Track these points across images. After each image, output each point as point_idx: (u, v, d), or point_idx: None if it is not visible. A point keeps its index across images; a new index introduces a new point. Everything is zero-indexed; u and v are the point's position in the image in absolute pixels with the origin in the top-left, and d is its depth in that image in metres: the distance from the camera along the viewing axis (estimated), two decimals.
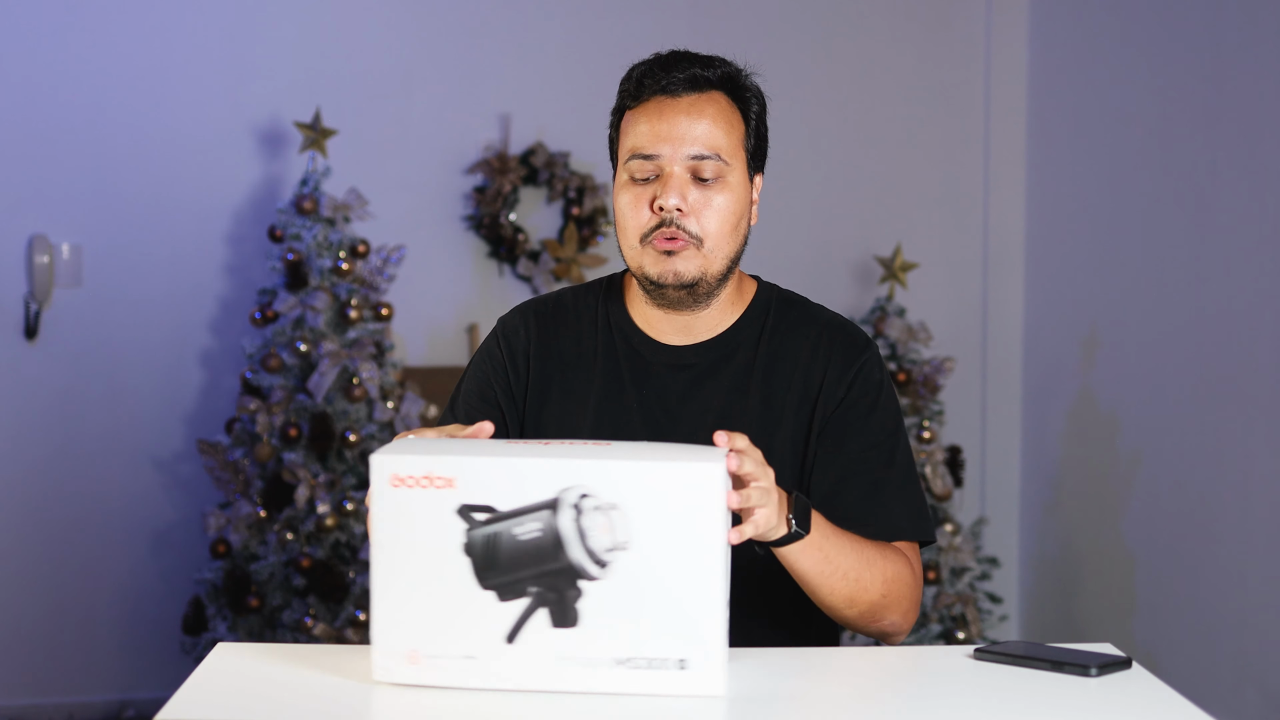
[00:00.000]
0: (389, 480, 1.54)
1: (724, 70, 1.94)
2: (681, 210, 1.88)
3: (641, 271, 1.92)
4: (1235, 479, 3.71)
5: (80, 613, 4.43)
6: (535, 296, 2.09)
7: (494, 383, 2.01)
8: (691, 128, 1.89)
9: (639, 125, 1.91)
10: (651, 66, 1.93)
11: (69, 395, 4.40)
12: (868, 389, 1.96)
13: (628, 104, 1.94)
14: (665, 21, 4.69)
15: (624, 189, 1.92)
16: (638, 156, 1.90)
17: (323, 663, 1.72)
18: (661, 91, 1.90)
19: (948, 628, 4.26)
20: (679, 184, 1.88)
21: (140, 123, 4.42)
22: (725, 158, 1.90)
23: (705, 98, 1.91)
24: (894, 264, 4.47)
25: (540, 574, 1.54)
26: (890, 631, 1.90)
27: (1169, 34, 4.07)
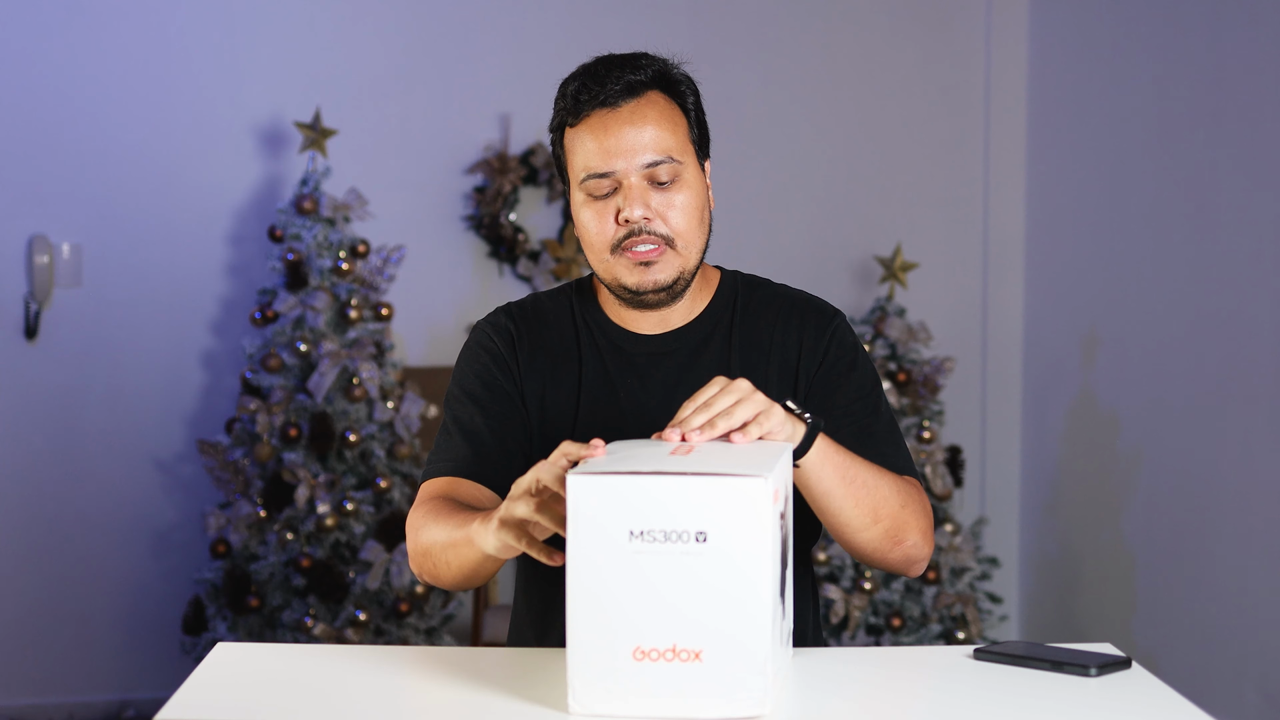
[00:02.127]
0: (771, 497, 1.46)
1: (654, 68, 1.94)
2: (647, 217, 1.89)
3: (617, 282, 1.93)
4: (1235, 479, 3.71)
5: (80, 613, 4.43)
6: (504, 304, 2.08)
7: (496, 375, 2.00)
8: (639, 136, 1.89)
9: (586, 143, 1.91)
10: (584, 81, 1.92)
11: (69, 395, 4.40)
12: (844, 350, 2.00)
13: (568, 121, 1.94)
14: (665, 21, 4.69)
15: (584, 207, 1.92)
16: (592, 176, 1.90)
17: (323, 663, 1.72)
18: (600, 105, 1.90)
19: (948, 628, 4.26)
20: (639, 193, 1.89)
21: (140, 123, 4.42)
22: (677, 156, 1.91)
23: (644, 101, 1.91)
24: (894, 264, 4.47)
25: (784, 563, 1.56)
26: (913, 556, 1.87)
27: (1169, 34, 4.07)
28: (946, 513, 4.32)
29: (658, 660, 1.46)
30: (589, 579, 1.47)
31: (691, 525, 1.45)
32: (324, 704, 1.58)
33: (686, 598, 1.46)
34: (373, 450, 4.10)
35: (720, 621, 1.45)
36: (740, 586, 1.45)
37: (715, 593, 1.45)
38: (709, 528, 1.44)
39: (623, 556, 1.46)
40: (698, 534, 1.45)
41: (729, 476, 1.44)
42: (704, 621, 1.46)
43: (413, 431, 4.17)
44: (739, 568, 1.45)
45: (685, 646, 1.47)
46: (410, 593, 4.07)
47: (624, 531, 1.45)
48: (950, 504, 4.39)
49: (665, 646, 1.46)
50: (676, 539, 1.45)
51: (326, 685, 1.63)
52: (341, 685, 1.63)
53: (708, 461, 1.51)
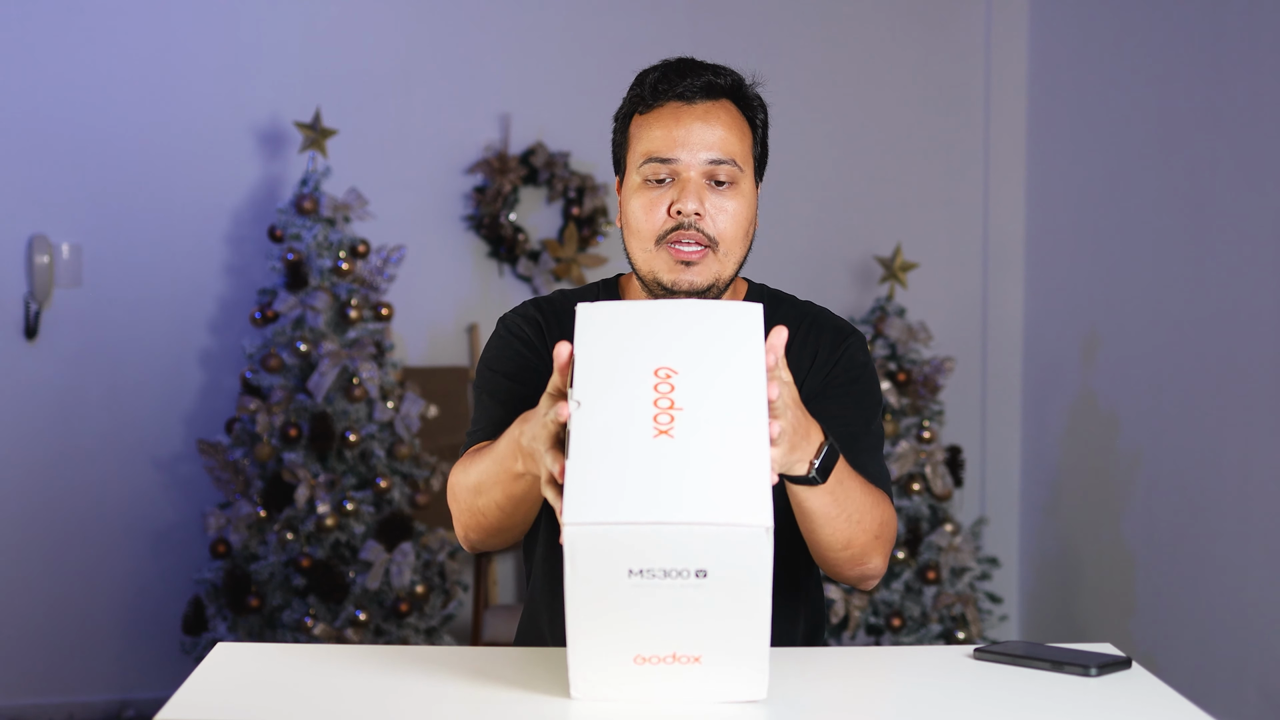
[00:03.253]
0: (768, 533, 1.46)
1: (732, 79, 1.97)
2: (699, 214, 1.90)
3: (653, 275, 1.93)
4: (1235, 479, 3.71)
5: (80, 613, 4.43)
6: (530, 300, 2.09)
7: (528, 357, 1.99)
8: (707, 133, 1.91)
9: (654, 130, 1.92)
10: (665, 72, 1.94)
11: (69, 395, 4.40)
12: (852, 366, 2.00)
13: (639, 109, 1.95)
14: (665, 22, 4.69)
15: (637, 192, 1.93)
16: (654, 160, 1.91)
17: (323, 663, 1.72)
18: (676, 97, 1.92)
19: (948, 628, 4.26)
20: (697, 188, 1.90)
21: (140, 123, 4.42)
22: (740, 163, 1.93)
23: (718, 105, 1.94)
24: (894, 264, 4.47)
25: None
26: (870, 575, 1.89)
27: (1169, 34, 4.07)
28: (946, 513, 4.32)
29: (658, 664, 1.52)
30: (587, 610, 1.50)
31: (691, 565, 1.47)
32: (324, 704, 1.58)
33: (687, 621, 1.49)
34: (373, 450, 4.10)
35: (720, 638, 1.49)
36: (742, 612, 1.48)
37: (716, 617, 1.48)
38: (709, 566, 1.46)
39: (621, 591, 1.48)
40: (698, 571, 1.47)
41: (730, 526, 1.44)
42: (704, 637, 1.50)
43: (413, 431, 4.17)
44: (741, 598, 1.47)
45: (685, 653, 1.51)
46: (410, 593, 4.07)
47: (623, 571, 1.48)
48: (950, 504, 4.39)
49: (665, 654, 1.51)
50: (676, 575, 1.47)
51: (327, 685, 1.63)
52: (342, 685, 1.63)
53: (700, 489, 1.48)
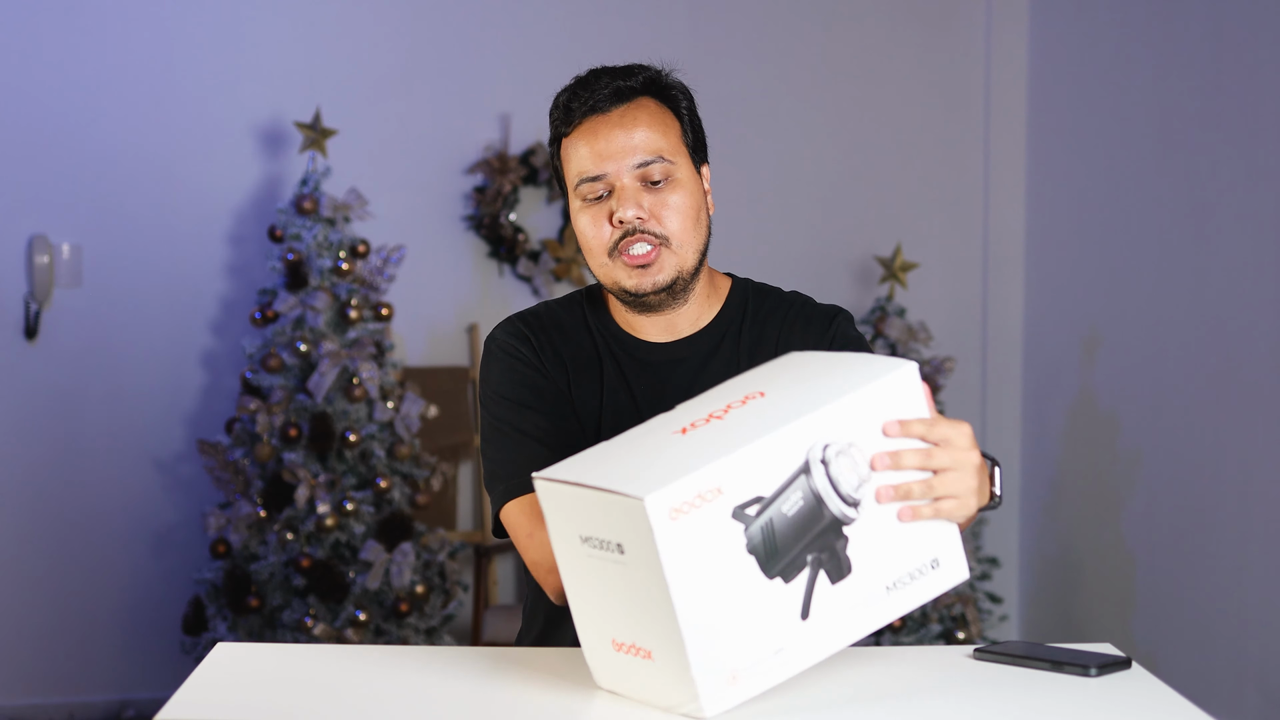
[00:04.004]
0: (669, 515, 1.43)
1: (645, 75, 1.97)
2: (641, 217, 1.91)
3: (617, 285, 1.95)
4: (1235, 479, 3.71)
5: (80, 613, 4.43)
6: (515, 314, 2.07)
7: (539, 377, 1.99)
8: (629, 138, 1.92)
9: (579, 150, 1.94)
10: (574, 90, 1.96)
11: (69, 395, 4.40)
12: (847, 342, 2.01)
13: (562, 131, 1.97)
14: (665, 22, 4.69)
15: (580, 213, 1.95)
16: (585, 180, 1.93)
17: (323, 663, 1.72)
18: (590, 111, 1.94)
19: (948, 628, 4.26)
20: (632, 194, 1.91)
21: (140, 123, 4.42)
22: (668, 157, 1.93)
23: (634, 105, 1.94)
24: (894, 264, 4.47)
25: (812, 539, 1.51)
26: None
27: (1169, 34, 4.07)
28: None
29: (628, 653, 1.52)
30: (567, 573, 1.55)
31: (611, 536, 1.47)
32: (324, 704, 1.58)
33: (628, 602, 1.49)
34: (373, 450, 4.10)
35: (656, 627, 1.48)
36: (656, 599, 1.46)
37: (643, 601, 1.47)
38: (624, 542, 1.46)
39: (579, 558, 1.52)
40: (617, 545, 1.47)
41: (620, 496, 1.44)
42: (646, 625, 1.49)
43: (413, 431, 4.17)
44: (650, 585, 1.46)
45: (640, 645, 1.51)
46: (410, 593, 4.07)
47: (576, 535, 1.51)
48: None
49: (629, 642, 1.52)
50: (601, 545, 1.49)
51: (326, 685, 1.63)
52: (341, 685, 1.63)
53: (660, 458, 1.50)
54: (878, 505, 1.54)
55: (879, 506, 1.54)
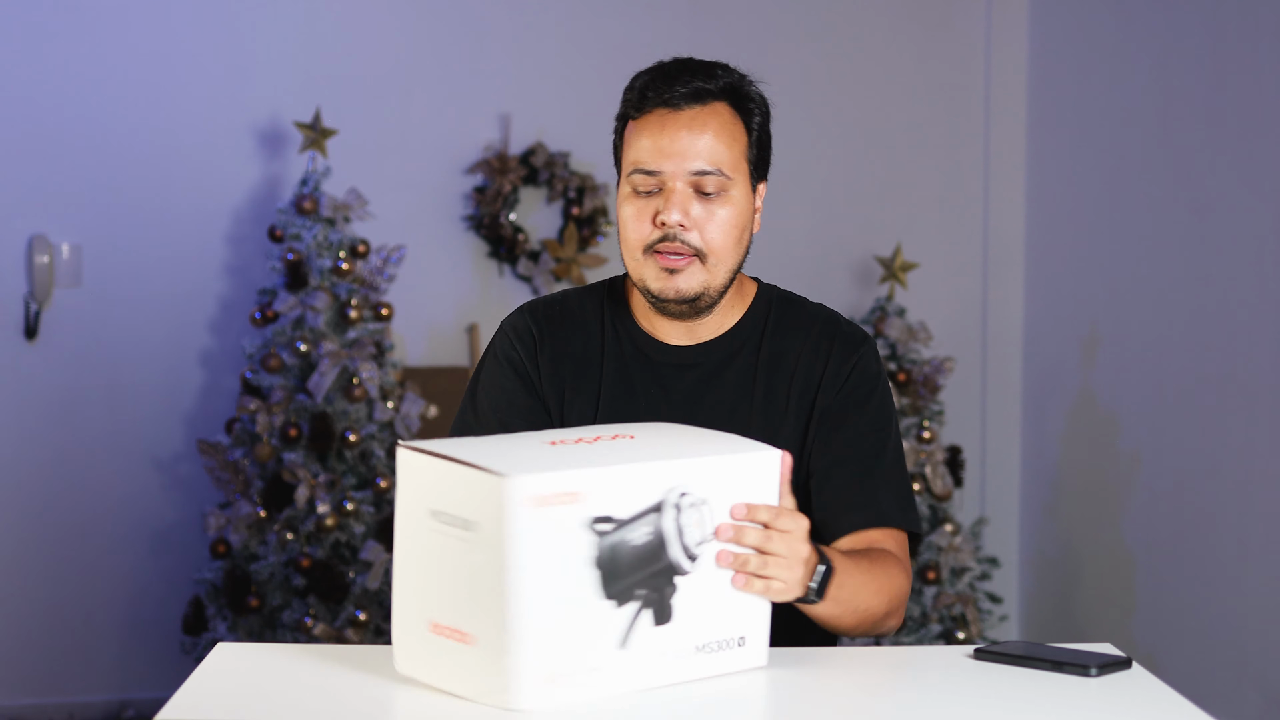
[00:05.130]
0: (528, 501, 1.47)
1: (726, 80, 1.93)
2: (684, 225, 1.88)
3: (643, 284, 1.93)
4: (1235, 479, 3.71)
5: (80, 613, 4.43)
6: (534, 299, 2.08)
7: (523, 385, 1.99)
8: (694, 143, 1.88)
9: (641, 139, 1.90)
10: (654, 77, 1.92)
11: (69, 395, 4.40)
12: (865, 379, 1.98)
13: (630, 114, 1.93)
14: (665, 22, 4.69)
15: (627, 201, 1.92)
16: (640, 171, 1.89)
17: (323, 663, 1.72)
18: (664, 104, 1.89)
19: (948, 628, 4.26)
20: (681, 199, 1.88)
21: (140, 123, 4.42)
22: (727, 172, 1.90)
23: (708, 110, 1.91)
24: (894, 264, 4.47)
25: (647, 576, 1.55)
26: (885, 632, 1.93)
27: (1169, 33, 4.07)
28: (946, 513, 4.32)
29: (446, 636, 1.53)
30: (402, 549, 1.58)
31: (464, 514, 1.50)
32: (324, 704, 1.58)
33: (461, 583, 1.51)
34: (373, 450, 4.10)
35: (484, 611, 1.50)
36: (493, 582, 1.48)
37: (479, 583, 1.50)
38: (476, 519, 1.49)
39: (422, 533, 1.54)
40: (466, 522, 1.50)
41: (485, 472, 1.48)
42: (473, 608, 1.51)
43: (413, 431, 4.17)
44: (493, 563, 1.48)
45: (461, 629, 1.52)
46: None
47: (426, 509, 1.53)
48: (950, 504, 4.39)
49: (450, 625, 1.53)
50: (457, 524, 1.51)
51: (326, 685, 1.63)
52: (342, 685, 1.63)
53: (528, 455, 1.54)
54: (711, 568, 1.59)
55: (711, 570, 1.59)
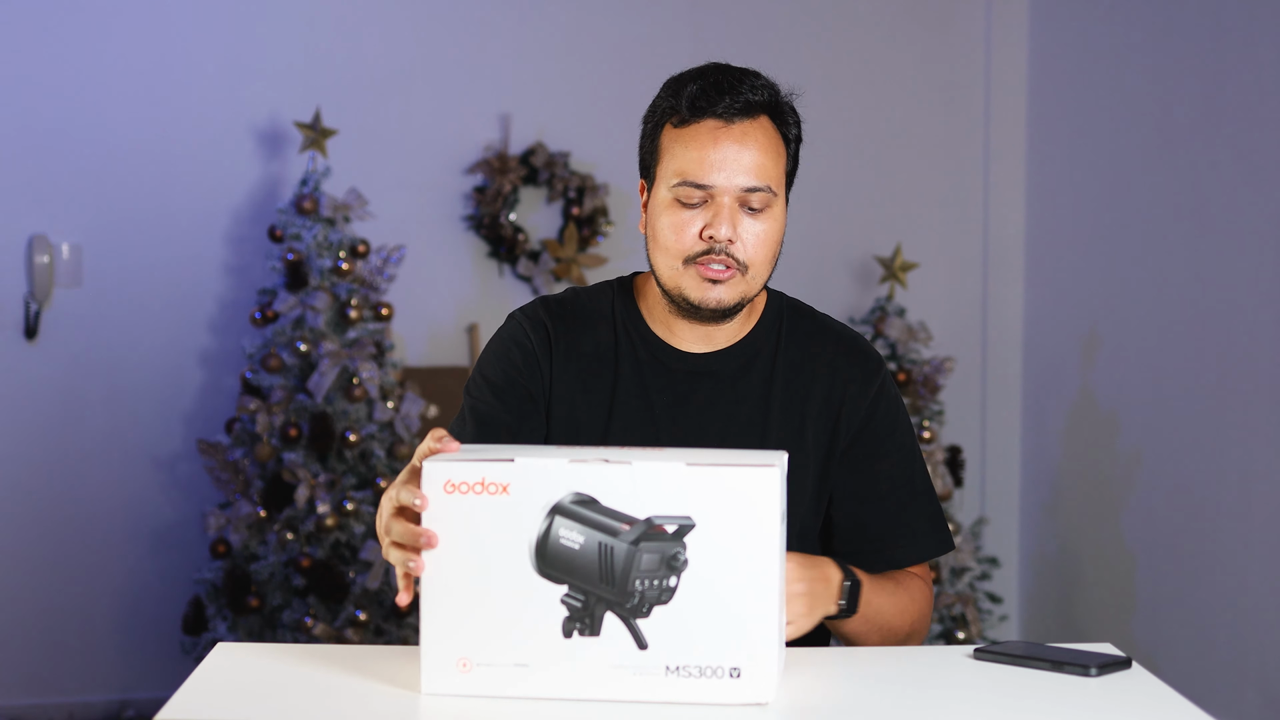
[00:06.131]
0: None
1: (769, 92, 1.93)
2: (732, 240, 1.87)
3: (680, 293, 1.90)
4: (1235, 479, 3.71)
5: (80, 613, 4.43)
6: (543, 296, 2.03)
7: (522, 374, 1.96)
8: (742, 157, 1.87)
9: (689, 150, 1.87)
10: (704, 88, 1.88)
11: (69, 395, 4.40)
12: (889, 407, 1.99)
13: (673, 120, 1.90)
14: (665, 21, 4.69)
15: (668, 210, 1.88)
16: (688, 184, 1.86)
17: (323, 663, 1.72)
18: (715, 116, 1.87)
19: (948, 628, 4.26)
20: (730, 214, 1.86)
21: (140, 123, 4.42)
22: (774, 188, 1.90)
23: (755, 124, 1.90)
24: (894, 264, 4.47)
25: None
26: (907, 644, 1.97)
27: (1169, 34, 4.07)
28: (946, 513, 4.33)
29: None
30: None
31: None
32: (324, 704, 1.58)
33: None
34: (373, 450, 4.10)
35: None
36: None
37: None
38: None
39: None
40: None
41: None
42: None
43: (413, 431, 4.17)
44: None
45: None
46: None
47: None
48: (950, 504, 4.39)
49: None
50: None
51: (326, 685, 1.63)
52: (342, 685, 1.63)
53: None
54: (688, 590, 1.52)
55: (689, 591, 1.52)
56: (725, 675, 1.53)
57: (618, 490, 1.51)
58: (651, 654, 1.53)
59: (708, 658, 1.53)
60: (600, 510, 1.51)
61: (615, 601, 1.52)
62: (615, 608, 1.52)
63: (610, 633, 1.52)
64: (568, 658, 1.53)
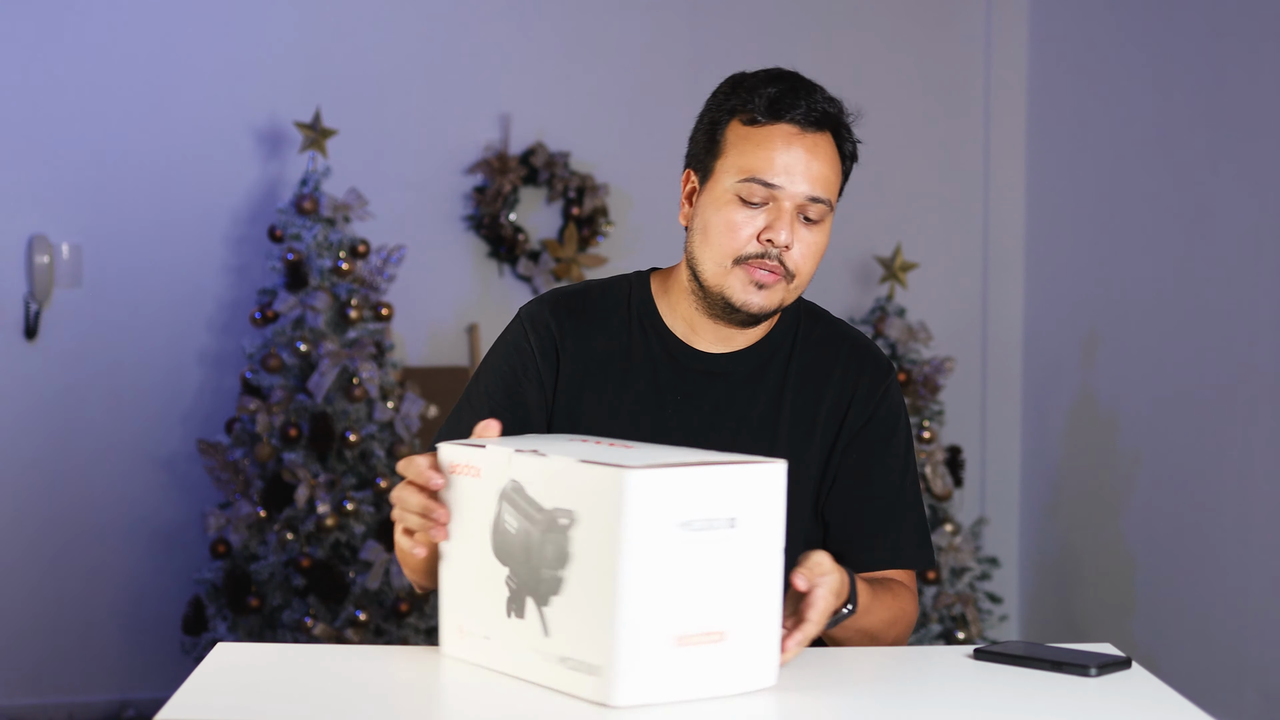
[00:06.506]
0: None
1: (835, 109, 1.94)
2: (788, 247, 1.88)
3: (722, 292, 1.89)
4: (1235, 479, 3.71)
5: (80, 613, 4.43)
6: (558, 288, 2.02)
7: (524, 375, 1.95)
8: (813, 165, 1.88)
9: (762, 149, 1.87)
10: (785, 90, 1.90)
11: (69, 395, 4.40)
12: (891, 412, 2.00)
13: (747, 117, 1.90)
14: (665, 22, 4.69)
15: (726, 207, 1.88)
16: (756, 180, 1.86)
17: (322, 663, 1.72)
18: (794, 121, 1.89)
19: (948, 628, 4.26)
20: (790, 221, 1.87)
21: (140, 123, 4.42)
22: (833, 203, 1.92)
23: (824, 137, 1.92)
24: (894, 264, 4.47)
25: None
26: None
27: (1169, 34, 4.07)
28: (946, 513, 4.32)
29: (697, 644, 1.53)
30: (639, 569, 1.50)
31: (724, 512, 1.52)
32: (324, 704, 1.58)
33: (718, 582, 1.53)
34: (373, 450, 4.10)
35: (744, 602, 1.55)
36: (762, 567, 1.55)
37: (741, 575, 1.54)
38: (738, 514, 1.53)
39: (671, 545, 1.50)
40: (729, 520, 1.52)
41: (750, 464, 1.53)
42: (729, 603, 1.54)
43: (413, 431, 4.17)
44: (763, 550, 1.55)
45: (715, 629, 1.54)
46: (410, 593, 4.07)
47: (675, 521, 1.50)
48: (950, 504, 4.39)
49: (698, 631, 1.53)
50: (714, 526, 1.52)
51: (326, 685, 1.63)
52: (341, 685, 1.63)
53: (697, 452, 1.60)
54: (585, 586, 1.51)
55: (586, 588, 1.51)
56: (582, 671, 1.52)
57: (536, 482, 1.56)
58: (550, 641, 1.56)
59: (579, 651, 1.52)
60: (528, 500, 1.56)
61: (528, 587, 1.58)
62: (530, 593, 1.57)
63: (531, 617, 1.58)
64: (506, 635, 1.61)
